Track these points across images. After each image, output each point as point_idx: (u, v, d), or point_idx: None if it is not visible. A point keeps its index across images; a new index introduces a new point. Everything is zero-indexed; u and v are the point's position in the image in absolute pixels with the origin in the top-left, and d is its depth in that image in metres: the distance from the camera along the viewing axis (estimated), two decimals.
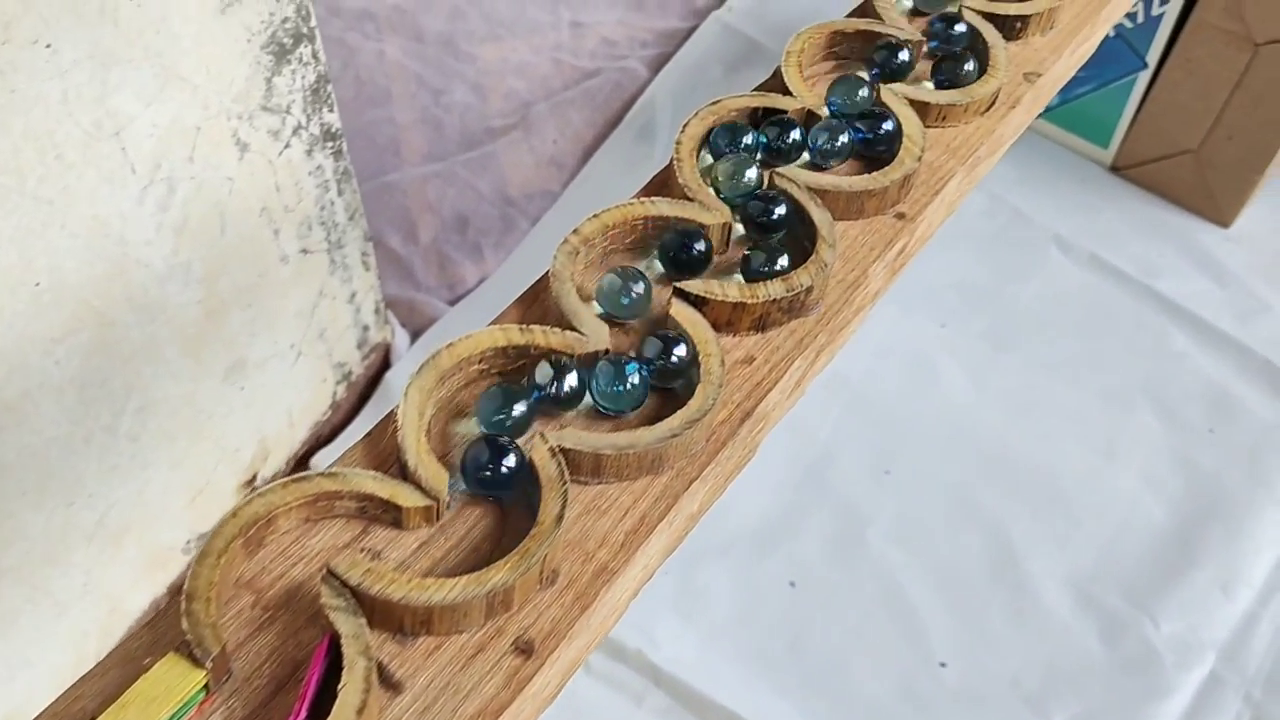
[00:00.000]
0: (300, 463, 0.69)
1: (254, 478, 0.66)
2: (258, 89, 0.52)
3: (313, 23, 0.53)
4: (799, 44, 0.41)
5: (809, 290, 0.33)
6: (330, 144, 0.58)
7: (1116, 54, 0.79)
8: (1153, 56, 0.78)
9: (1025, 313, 0.77)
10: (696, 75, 0.90)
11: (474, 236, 0.81)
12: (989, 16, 0.43)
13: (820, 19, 0.43)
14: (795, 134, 0.37)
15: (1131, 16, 0.77)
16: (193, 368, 0.56)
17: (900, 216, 0.37)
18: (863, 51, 0.42)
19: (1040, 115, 0.85)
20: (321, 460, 0.69)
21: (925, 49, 0.43)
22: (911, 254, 0.38)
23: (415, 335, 0.75)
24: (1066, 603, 0.65)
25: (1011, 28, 0.43)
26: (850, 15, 0.44)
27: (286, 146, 0.55)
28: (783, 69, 0.40)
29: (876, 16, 0.43)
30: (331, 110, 0.57)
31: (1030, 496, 0.69)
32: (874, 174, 0.36)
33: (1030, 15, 0.43)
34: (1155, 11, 0.76)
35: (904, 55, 0.41)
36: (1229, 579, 0.66)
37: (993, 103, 0.41)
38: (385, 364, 0.73)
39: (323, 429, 0.70)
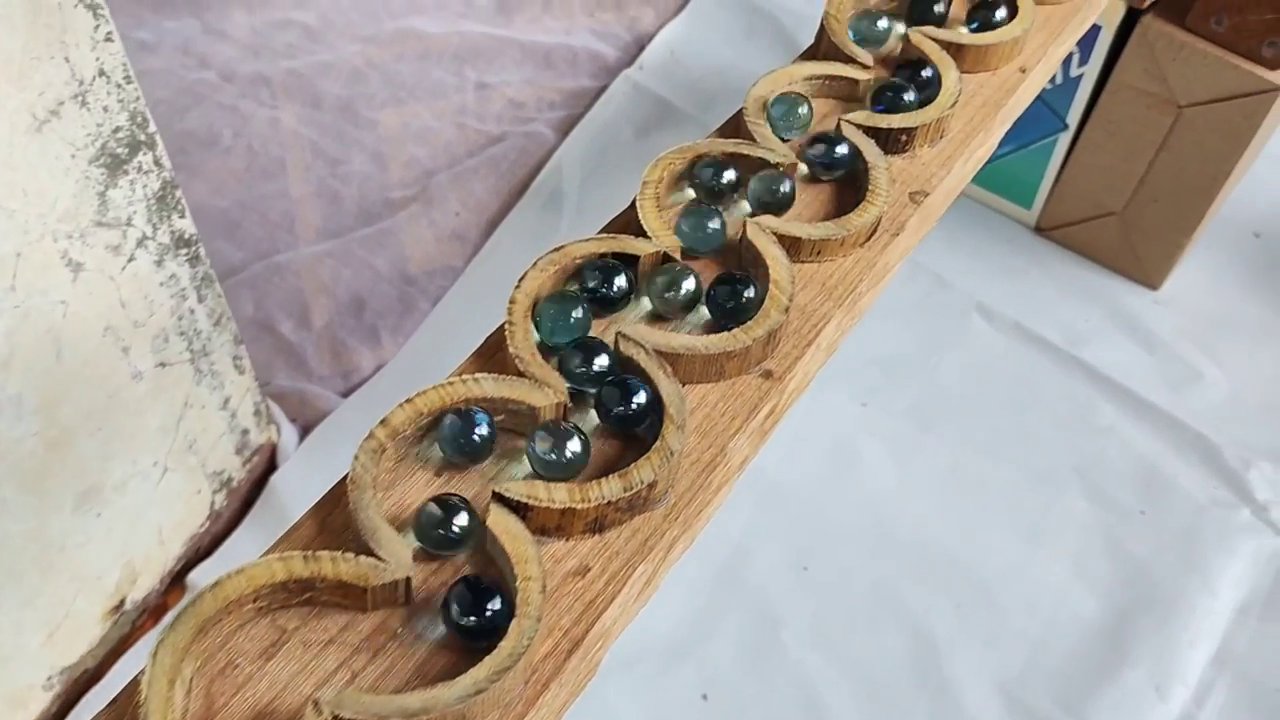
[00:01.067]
0: (176, 579, 0.64)
1: (121, 602, 0.61)
2: (89, 205, 0.47)
3: (151, 129, 0.48)
4: (657, 172, 0.37)
5: (652, 485, 0.29)
6: (184, 250, 0.54)
7: (1036, 115, 0.76)
8: (1073, 118, 0.75)
9: (949, 387, 0.74)
10: (606, 138, 0.86)
11: (370, 319, 0.77)
12: (870, 131, 0.39)
13: (733, 78, 0.39)
14: (621, 281, 0.33)
15: (1052, 79, 0.74)
16: (36, 503, 0.51)
17: (767, 375, 0.33)
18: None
19: None
20: (200, 577, 0.64)
21: (800, 171, 0.39)
22: (783, 412, 0.35)
23: (306, 430, 0.71)
24: (993, 709, 0.61)
25: (896, 141, 0.40)
26: (719, 132, 0.40)
27: (130, 260, 0.51)
28: (638, 204, 0.36)
29: (748, 135, 0.39)
30: (183, 216, 0.53)
31: (955, 590, 0.66)
32: (734, 331, 0.33)
33: (916, 127, 0.40)
34: (1074, 73, 0.73)
35: (785, 187, 0.37)
36: (1163, 678, 0.62)
37: (873, 232, 0.37)
38: (271, 465, 0.69)
39: (202, 540, 0.65)
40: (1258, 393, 0.75)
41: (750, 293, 0.33)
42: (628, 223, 0.36)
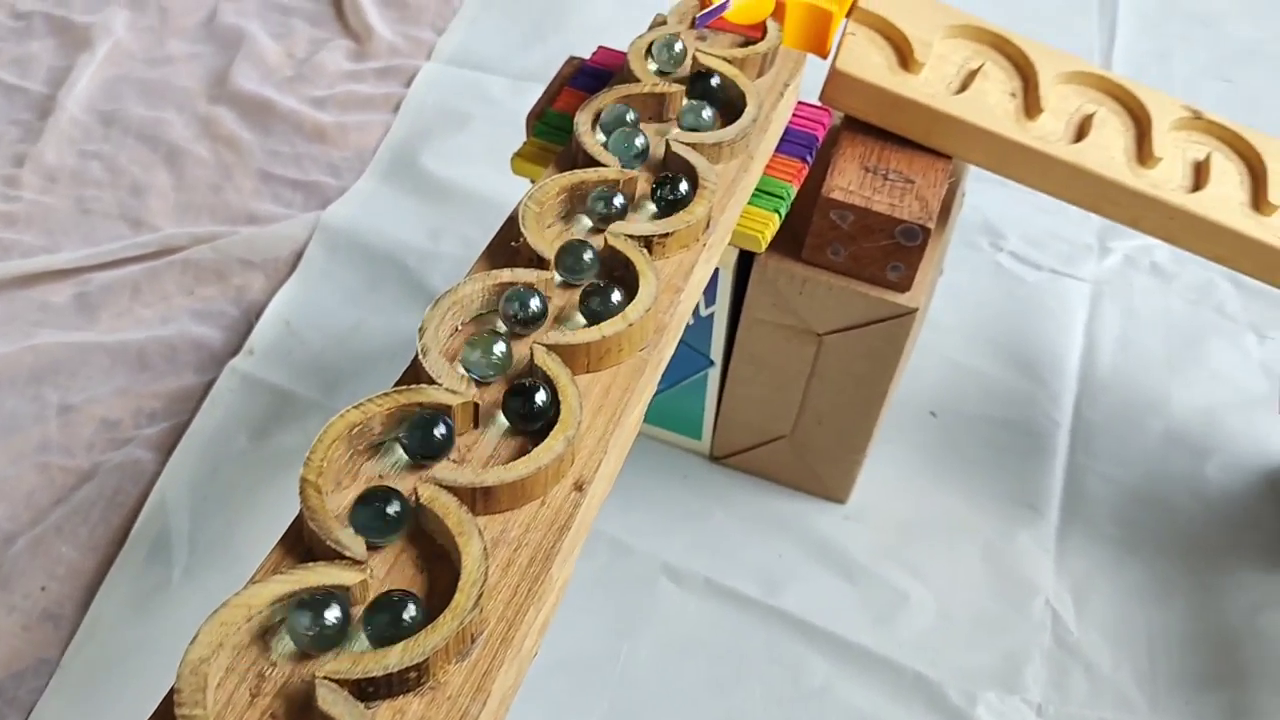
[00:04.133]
0: None
1: None
2: None
3: None
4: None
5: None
6: None
7: (681, 356, 0.70)
8: (717, 354, 0.69)
9: (644, 682, 0.66)
10: (217, 451, 0.74)
11: None
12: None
13: (359, 341, 0.35)
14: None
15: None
16: None
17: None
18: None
19: None
20: None
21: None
22: None
23: None
24: None
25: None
26: (399, 384, 0.32)
27: None
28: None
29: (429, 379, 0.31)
30: None
31: None
32: None
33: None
34: (705, 313, 0.67)
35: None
36: None
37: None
38: None
39: None
40: (965, 604, 0.70)
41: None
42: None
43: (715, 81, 0.50)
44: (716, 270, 0.64)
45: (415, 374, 0.34)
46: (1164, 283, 0.89)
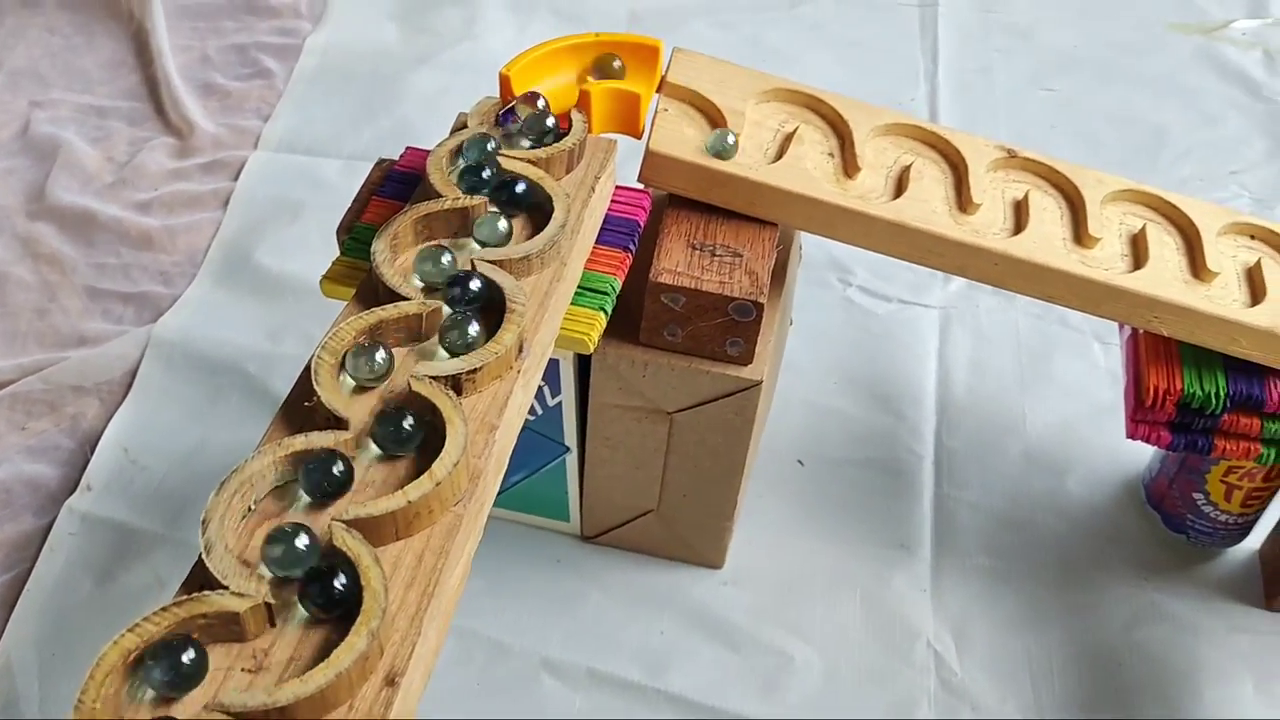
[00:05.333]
0: None
1: None
2: None
3: None
4: None
5: None
6: None
7: (535, 444, 0.69)
8: (571, 439, 0.68)
9: None
10: (61, 602, 0.70)
11: None
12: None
13: (204, 463, 0.35)
14: None
15: (531, 410, 0.66)
16: None
17: None
18: None
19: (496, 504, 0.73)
20: None
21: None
22: None
23: None
24: None
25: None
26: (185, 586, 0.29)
27: None
28: None
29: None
30: None
31: None
32: None
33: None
34: (551, 403, 0.65)
35: None
36: None
37: None
38: None
39: None
40: (850, 658, 0.70)
41: None
42: None
43: (521, 188, 0.49)
44: (556, 361, 0.63)
45: (202, 574, 0.32)
46: (1007, 300, 0.90)
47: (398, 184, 0.57)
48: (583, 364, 0.63)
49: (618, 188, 0.59)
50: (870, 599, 0.72)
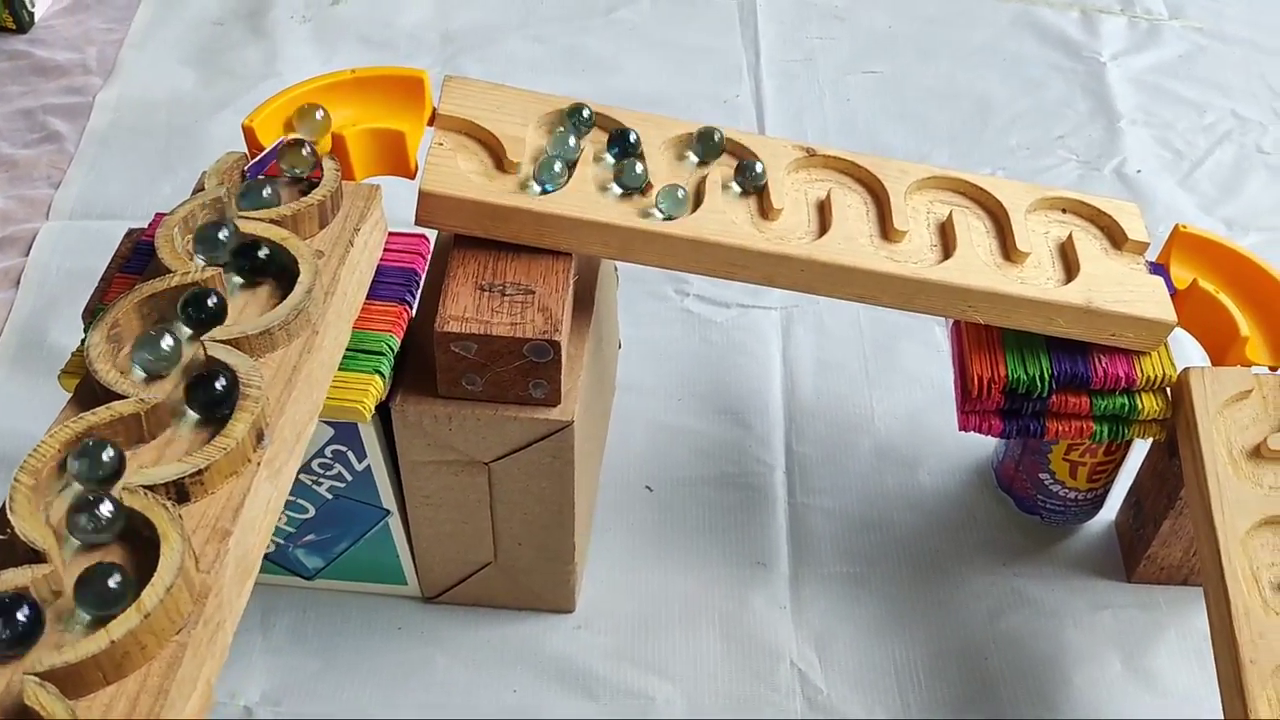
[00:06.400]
0: None
1: None
2: None
3: None
4: None
5: None
6: None
7: (351, 511, 0.64)
8: (390, 501, 0.64)
9: None
10: None
11: None
12: None
13: None
14: None
15: (339, 477, 0.62)
16: None
17: None
18: None
19: (322, 575, 0.68)
20: None
21: None
22: None
23: None
24: None
25: None
26: None
27: None
28: None
29: None
30: None
31: None
32: None
33: None
34: (360, 467, 0.61)
35: None
36: None
37: None
38: None
39: None
40: (713, 691, 0.67)
41: None
42: None
43: (263, 253, 0.45)
44: (354, 426, 0.58)
45: None
46: None
47: (145, 257, 0.52)
48: (387, 423, 0.59)
49: (392, 234, 0.55)
50: (729, 623, 0.70)
